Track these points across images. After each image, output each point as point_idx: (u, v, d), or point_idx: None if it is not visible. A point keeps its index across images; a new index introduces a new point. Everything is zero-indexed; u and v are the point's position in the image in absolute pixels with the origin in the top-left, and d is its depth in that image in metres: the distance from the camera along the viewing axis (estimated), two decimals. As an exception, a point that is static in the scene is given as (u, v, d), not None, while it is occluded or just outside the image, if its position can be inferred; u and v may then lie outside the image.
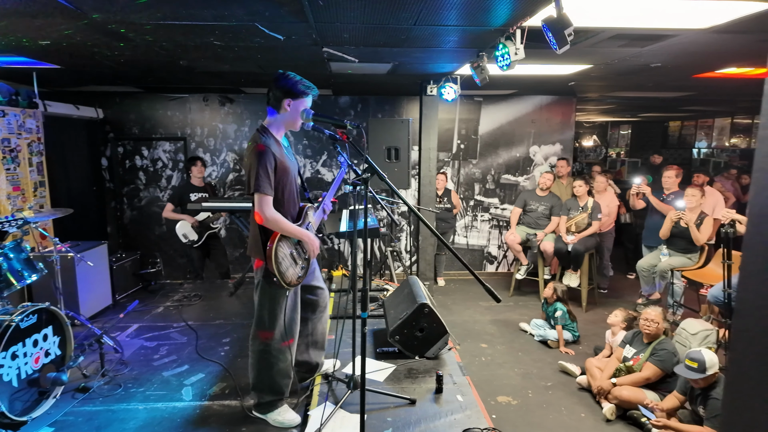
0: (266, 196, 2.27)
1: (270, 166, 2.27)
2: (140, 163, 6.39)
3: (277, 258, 2.32)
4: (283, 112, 2.38)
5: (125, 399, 2.79)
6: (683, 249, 4.78)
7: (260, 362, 2.51)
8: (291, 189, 2.46)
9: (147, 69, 4.45)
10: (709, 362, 2.91)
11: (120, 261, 4.54)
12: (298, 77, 2.34)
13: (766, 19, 2.72)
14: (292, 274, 2.43)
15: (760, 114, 0.44)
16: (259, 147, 2.28)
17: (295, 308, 2.59)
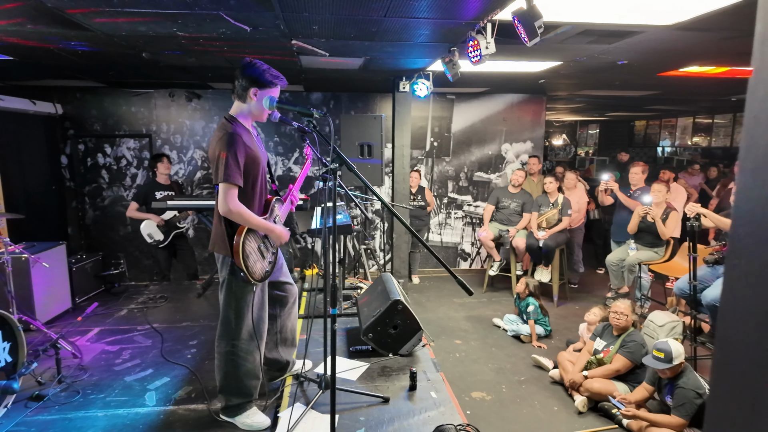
0: (234, 187, 2.16)
1: (240, 156, 2.17)
2: (103, 161, 6.14)
3: (244, 252, 2.22)
4: (249, 102, 2.27)
5: (83, 406, 2.64)
6: (650, 243, 4.90)
7: (227, 364, 2.41)
8: (260, 181, 2.37)
9: (107, 62, 4.26)
10: (675, 352, 2.97)
11: (80, 262, 4.33)
12: (266, 66, 2.26)
13: (727, 17, 2.79)
14: (260, 269, 2.35)
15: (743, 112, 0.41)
16: (230, 134, 2.17)
17: (262, 306, 2.50)
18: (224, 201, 2.16)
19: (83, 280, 4.35)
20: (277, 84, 2.29)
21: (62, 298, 4.04)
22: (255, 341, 2.43)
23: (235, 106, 2.32)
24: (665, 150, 11.80)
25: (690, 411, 2.87)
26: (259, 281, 2.36)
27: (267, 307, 2.55)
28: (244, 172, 2.22)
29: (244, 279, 2.27)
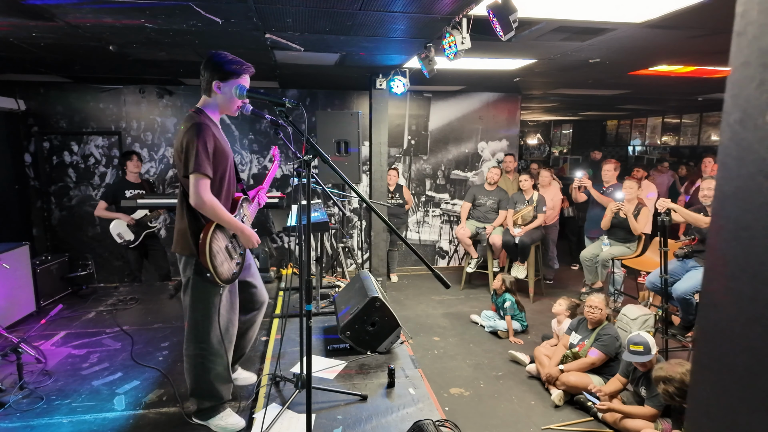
0: (205, 178, 2.06)
1: (210, 146, 2.08)
2: (69, 160, 5.92)
3: (211, 251, 2.13)
4: (214, 96, 2.19)
5: (47, 413, 2.52)
6: (622, 239, 5.00)
7: (196, 367, 2.32)
8: (228, 177, 2.28)
9: (72, 55, 4.10)
10: (652, 343, 3.04)
11: (45, 264, 4.15)
12: (230, 57, 2.17)
13: (694, 15, 2.86)
14: (227, 270, 2.26)
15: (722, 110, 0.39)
16: (197, 123, 2.08)
17: (232, 308, 2.40)
18: (197, 192, 2.05)
19: (48, 282, 4.17)
20: (242, 73, 2.18)
21: (25, 301, 3.87)
22: (220, 343, 2.32)
23: (201, 100, 2.24)
24: (636, 149, 12.11)
25: (663, 401, 2.92)
26: (226, 283, 2.27)
27: (237, 309, 2.45)
28: (213, 165, 2.13)
29: (211, 280, 2.18)
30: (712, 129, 9.67)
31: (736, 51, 0.37)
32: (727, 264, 0.43)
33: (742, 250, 0.40)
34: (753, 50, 0.35)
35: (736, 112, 0.37)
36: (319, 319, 3.80)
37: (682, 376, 2.69)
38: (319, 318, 3.81)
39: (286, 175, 6.42)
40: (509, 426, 3.16)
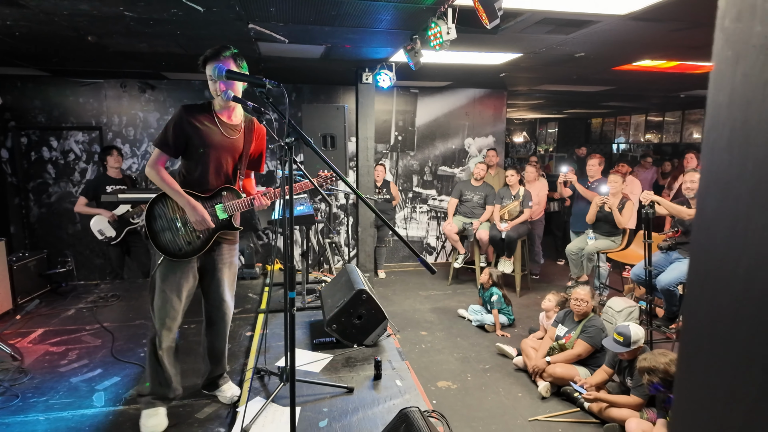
0: (160, 153, 2.21)
1: (177, 128, 2.19)
2: (48, 155, 5.78)
3: (151, 212, 2.24)
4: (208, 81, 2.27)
5: (23, 410, 2.44)
6: (607, 232, 5.04)
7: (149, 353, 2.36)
8: (209, 164, 2.27)
9: (50, 47, 3.99)
10: (634, 336, 3.05)
11: (22, 260, 4.03)
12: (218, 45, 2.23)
13: (676, 7, 2.89)
14: (168, 240, 2.25)
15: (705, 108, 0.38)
16: (183, 105, 2.23)
17: (175, 290, 2.27)
18: (150, 160, 2.22)
19: (26, 280, 4.06)
20: (219, 56, 2.16)
21: (1, 299, 3.76)
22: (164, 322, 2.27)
23: None
24: (620, 147, 12.26)
25: (647, 391, 2.95)
26: (168, 255, 2.23)
27: (183, 295, 2.31)
28: (187, 148, 2.23)
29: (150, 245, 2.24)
30: (693, 126, 9.83)
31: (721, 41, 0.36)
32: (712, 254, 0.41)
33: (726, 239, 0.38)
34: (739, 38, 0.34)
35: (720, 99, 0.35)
36: (305, 313, 3.76)
37: (665, 366, 2.71)
38: (305, 312, 3.77)
39: (272, 170, 6.36)
40: (496, 418, 3.15)
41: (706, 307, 0.40)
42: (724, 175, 0.30)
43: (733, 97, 0.28)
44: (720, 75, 0.30)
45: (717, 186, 0.30)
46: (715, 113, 0.30)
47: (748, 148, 0.27)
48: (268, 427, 2.24)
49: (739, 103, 0.28)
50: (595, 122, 13.25)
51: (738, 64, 0.28)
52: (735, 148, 0.28)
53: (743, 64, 0.28)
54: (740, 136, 0.27)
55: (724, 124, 0.29)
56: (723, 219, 0.30)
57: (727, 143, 0.29)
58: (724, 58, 0.30)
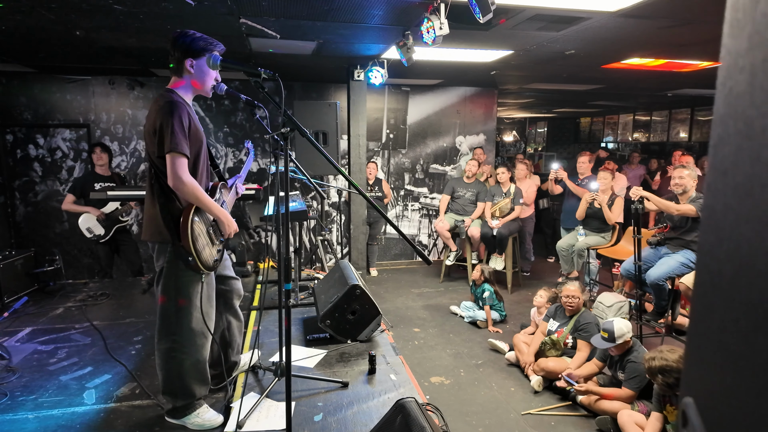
0: (183, 157, 1.96)
1: (185, 124, 1.98)
2: (35, 153, 5.68)
3: (193, 233, 2.02)
4: (187, 75, 2.10)
5: (11, 409, 2.40)
6: (597, 228, 5.09)
7: (168, 362, 2.19)
8: (202, 160, 2.20)
9: (36, 41, 3.93)
10: (618, 331, 3.07)
11: (8, 259, 3.96)
12: (198, 33, 2.09)
13: (665, 4, 2.93)
14: (209, 255, 2.16)
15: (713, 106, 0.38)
16: (171, 101, 1.98)
17: (209, 299, 2.29)
18: (174, 172, 1.93)
19: (12, 278, 3.99)
20: (213, 49, 2.11)
21: (-13, 298, 3.69)
22: (198, 336, 2.22)
23: (172, 81, 2.14)
24: (608, 146, 12.39)
25: (640, 383, 2.98)
26: (208, 269, 2.16)
27: (214, 301, 2.34)
28: (189, 145, 2.03)
29: (192, 265, 2.07)
30: (680, 125, 9.97)
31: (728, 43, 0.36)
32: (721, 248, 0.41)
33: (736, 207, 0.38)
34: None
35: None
36: (298, 310, 3.75)
37: (679, 365, 2.54)
38: (298, 309, 3.76)
39: (263, 168, 6.32)
40: (490, 412, 3.17)
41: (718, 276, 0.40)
42: (744, 118, 0.30)
43: (753, 41, 0.29)
44: (737, 22, 0.31)
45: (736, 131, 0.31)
46: (733, 61, 0.31)
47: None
48: (262, 422, 2.23)
49: (759, 44, 0.28)
50: (584, 121, 13.38)
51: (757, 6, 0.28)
52: (758, 88, 0.28)
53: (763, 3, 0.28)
54: (763, 73, 0.28)
55: (743, 68, 0.30)
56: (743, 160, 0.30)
57: (748, 85, 0.29)
58: (741, 5, 0.30)
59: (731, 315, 0.34)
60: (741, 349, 0.33)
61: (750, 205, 0.30)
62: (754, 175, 0.29)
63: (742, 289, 0.32)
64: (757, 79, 0.28)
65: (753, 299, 0.31)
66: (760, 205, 0.29)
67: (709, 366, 0.38)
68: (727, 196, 0.34)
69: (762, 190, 0.28)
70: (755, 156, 0.29)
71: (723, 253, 0.35)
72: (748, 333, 0.32)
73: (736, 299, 0.33)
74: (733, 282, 0.34)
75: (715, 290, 0.37)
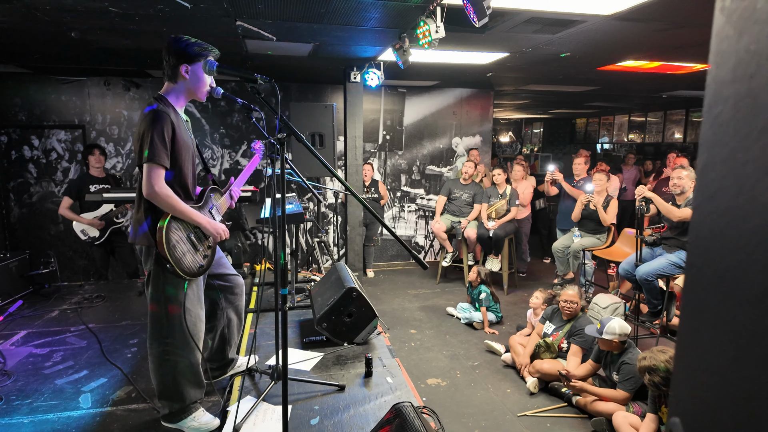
0: (159, 168, 1.97)
1: (167, 135, 1.98)
2: (30, 154, 5.66)
3: (168, 242, 2.02)
4: (182, 81, 2.10)
5: (6, 413, 2.39)
6: (592, 230, 5.11)
7: (162, 366, 2.19)
8: (189, 168, 2.19)
9: (31, 42, 3.91)
10: (608, 328, 3.11)
11: (3, 261, 3.94)
12: (193, 39, 2.09)
13: (660, 8, 2.95)
14: (191, 262, 2.14)
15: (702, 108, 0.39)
16: (155, 111, 1.99)
17: (198, 302, 2.28)
18: (149, 182, 1.96)
19: (7, 281, 3.97)
20: (208, 54, 2.11)
21: (-18, 301, 3.67)
22: (189, 339, 2.21)
23: (165, 86, 2.14)
24: (604, 146, 12.45)
25: (635, 385, 3.00)
26: (190, 276, 2.15)
27: (203, 303, 2.34)
28: (173, 157, 2.04)
29: (171, 272, 2.07)
30: (675, 126, 10.02)
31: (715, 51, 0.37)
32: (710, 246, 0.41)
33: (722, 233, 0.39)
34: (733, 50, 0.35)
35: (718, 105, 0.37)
36: (294, 312, 3.75)
37: (666, 365, 2.64)
38: (294, 312, 3.76)
39: (259, 170, 6.32)
40: (486, 414, 3.18)
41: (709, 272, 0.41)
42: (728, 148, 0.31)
43: (736, 73, 0.29)
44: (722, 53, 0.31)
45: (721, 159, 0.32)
46: (718, 88, 0.32)
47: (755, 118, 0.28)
48: (259, 425, 2.23)
49: (742, 77, 0.29)
50: (580, 122, 13.43)
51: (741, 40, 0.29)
52: (740, 120, 0.29)
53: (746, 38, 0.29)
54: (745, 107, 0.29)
55: (728, 98, 0.30)
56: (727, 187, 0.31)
57: (732, 116, 0.30)
58: (725, 37, 0.31)
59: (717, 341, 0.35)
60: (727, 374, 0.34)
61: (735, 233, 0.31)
62: (738, 206, 0.30)
63: (727, 315, 0.33)
64: (740, 111, 0.29)
65: (738, 325, 0.31)
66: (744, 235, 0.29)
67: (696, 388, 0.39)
68: (713, 222, 0.34)
69: (744, 220, 0.29)
70: (739, 186, 0.30)
71: (709, 278, 0.36)
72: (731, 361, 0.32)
73: (721, 326, 0.34)
74: (719, 310, 0.34)
75: (701, 315, 0.37)
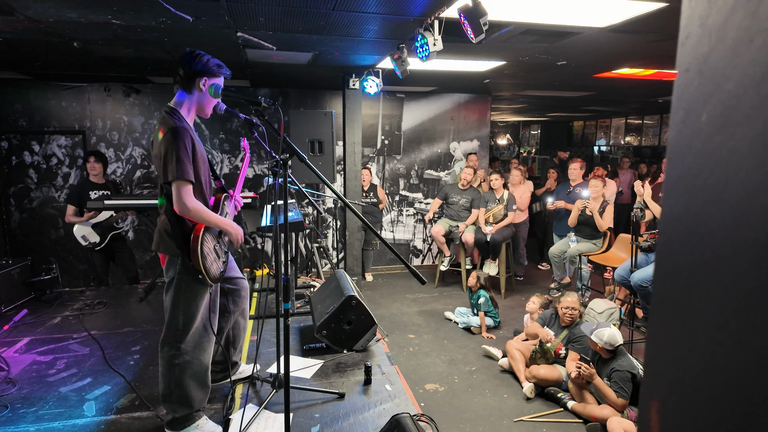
0: (188, 185, 2.05)
1: (189, 150, 2.06)
2: (30, 160, 5.69)
3: (202, 253, 2.13)
4: (198, 92, 2.15)
5: (12, 422, 2.43)
6: (589, 235, 5.18)
7: (171, 369, 2.25)
8: (205, 178, 2.27)
9: (33, 52, 3.95)
10: (598, 332, 3.20)
11: (5, 268, 3.97)
12: (209, 55, 2.15)
13: (653, 20, 3.01)
14: (216, 270, 2.28)
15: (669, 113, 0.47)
16: (176, 128, 2.04)
17: (214, 308, 2.40)
18: (180, 199, 2.04)
19: (9, 288, 4.00)
20: (222, 74, 2.19)
21: (-16, 308, 3.70)
22: (202, 345, 2.30)
23: (177, 97, 2.17)
24: (601, 149, 12.52)
25: (628, 390, 3.06)
26: (215, 282, 2.29)
27: (218, 310, 2.45)
28: (194, 168, 2.11)
29: (201, 280, 2.19)
30: (671, 129, 10.08)
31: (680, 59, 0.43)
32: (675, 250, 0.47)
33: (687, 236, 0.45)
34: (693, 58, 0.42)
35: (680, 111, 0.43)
36: (294, 319, 3.79)
37: None
38: (294, 318, 3.80)
39: (258, 174, 6.36)
40: (483, 419, 3.23)
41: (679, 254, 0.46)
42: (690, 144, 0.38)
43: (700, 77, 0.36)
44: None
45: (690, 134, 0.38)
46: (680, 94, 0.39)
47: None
48: (261, 433, 2.28)
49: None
50: (577, 125, 13.50)
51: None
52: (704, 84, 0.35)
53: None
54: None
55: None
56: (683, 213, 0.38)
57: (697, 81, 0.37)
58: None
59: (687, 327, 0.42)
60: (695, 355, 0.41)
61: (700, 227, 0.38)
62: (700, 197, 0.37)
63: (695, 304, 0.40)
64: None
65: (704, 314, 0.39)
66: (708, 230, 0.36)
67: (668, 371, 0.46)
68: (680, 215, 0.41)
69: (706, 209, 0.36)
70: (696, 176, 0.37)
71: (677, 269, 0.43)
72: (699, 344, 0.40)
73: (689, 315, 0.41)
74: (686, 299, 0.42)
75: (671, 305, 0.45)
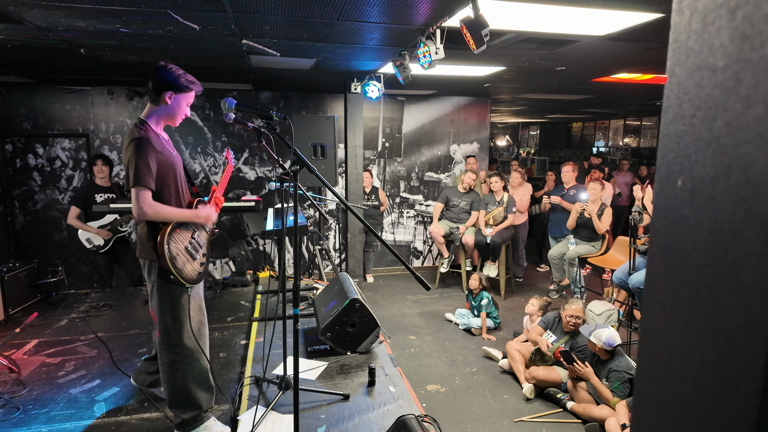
0: (146, 191, 2.12)
1: (151, 160, 2.13)
2: (34, 163, 5.74)
3: (170, 254, 2.17)
4: (163, 105, 2.23)
5: (24, 423, 2.49)
6: (587, 238, 5.24)
7: (172, 374, 2.30)
8: (177, 184, 2.32)
9: (40, 57, 4.00)
10: (596, 333, 3.27)
11: (12, 271, 4.03)
12: (182, 70, 2.24)
13: (649, 29, 3.07)
14: (191, 270, 2.30)
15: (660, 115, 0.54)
16: (137, 139, 2.13)
17: (201, 309, 2.44)
18: (137, 204, 2.12)
19: (17, 290, 4.06)
20: (193, 89, 2.27)
21: (-8, 310, 3.76)
22: (198, 348, 2.35)
23: (147, 108, 2.26)
24: (600, 150, 12.60)
25: (626, 390, 3.12)
26: (191, 283, 2.30)
27: (205, 310, 2.49)
28: (158, 177, 2.18)
29: (175, 282, 2.22)
30: (669, 131, 10.15)
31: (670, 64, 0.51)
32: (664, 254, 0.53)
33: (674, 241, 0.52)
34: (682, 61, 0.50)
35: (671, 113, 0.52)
36: (298, 321, 3.84)
37: None
38: (298, 320, 3.85)
39: (261, 177, 6.42)
40: (483, 419, 3.30)
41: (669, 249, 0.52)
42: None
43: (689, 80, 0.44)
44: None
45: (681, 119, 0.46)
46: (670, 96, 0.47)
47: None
48: (268, 434, 2.34)
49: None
50: (576, 126, 13.58)
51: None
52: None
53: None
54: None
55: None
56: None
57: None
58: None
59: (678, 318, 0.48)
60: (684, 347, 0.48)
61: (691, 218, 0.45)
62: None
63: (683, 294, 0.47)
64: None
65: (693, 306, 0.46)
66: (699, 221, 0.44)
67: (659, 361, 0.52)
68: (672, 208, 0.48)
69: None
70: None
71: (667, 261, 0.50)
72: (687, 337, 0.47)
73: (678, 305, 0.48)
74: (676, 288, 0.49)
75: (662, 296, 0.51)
